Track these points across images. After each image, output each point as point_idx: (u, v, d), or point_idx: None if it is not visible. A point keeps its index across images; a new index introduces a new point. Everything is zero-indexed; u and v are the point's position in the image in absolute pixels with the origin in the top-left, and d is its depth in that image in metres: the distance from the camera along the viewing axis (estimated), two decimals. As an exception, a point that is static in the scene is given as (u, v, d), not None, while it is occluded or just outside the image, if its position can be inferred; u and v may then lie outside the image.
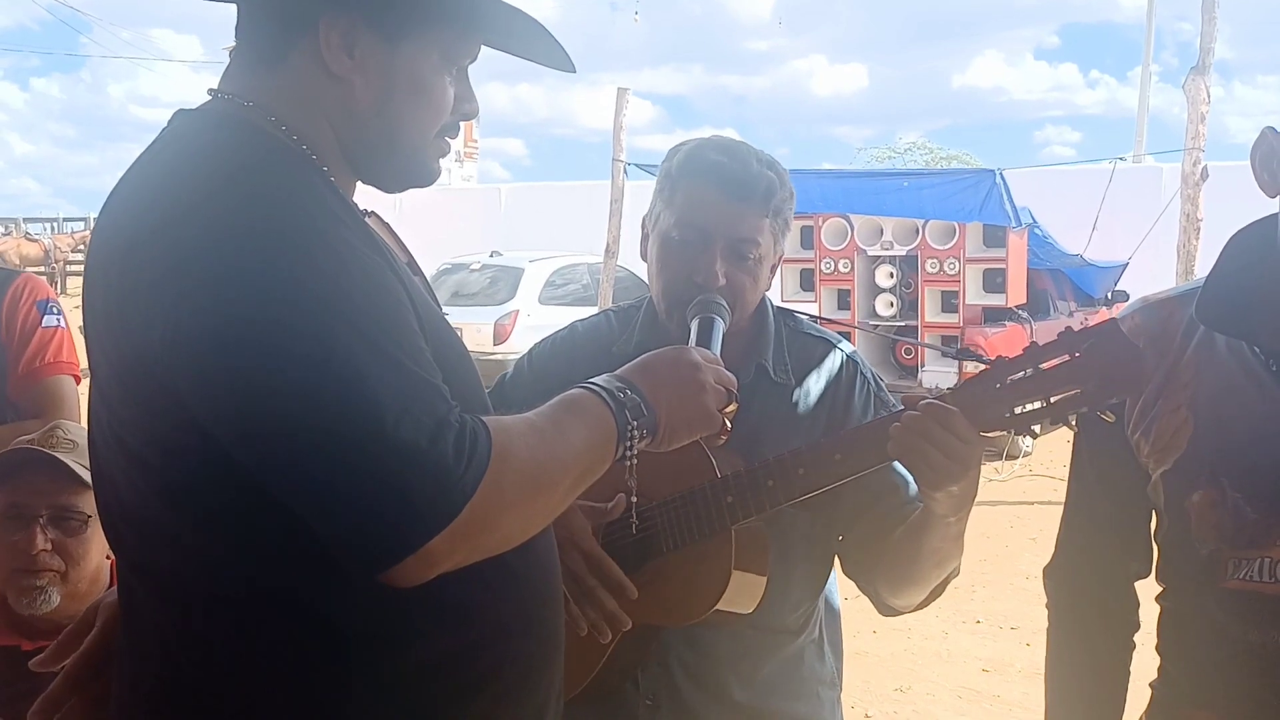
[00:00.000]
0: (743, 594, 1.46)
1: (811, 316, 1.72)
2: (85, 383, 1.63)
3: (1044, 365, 1.26)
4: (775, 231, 1.57)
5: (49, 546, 1.68)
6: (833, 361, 1.63)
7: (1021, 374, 1.27)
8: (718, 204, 1.52)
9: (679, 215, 1.55)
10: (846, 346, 1.67)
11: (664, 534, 1.46)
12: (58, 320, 2.41)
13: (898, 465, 1.47)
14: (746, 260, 1.54)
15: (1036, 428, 1.29)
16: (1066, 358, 1.25)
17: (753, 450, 1.45)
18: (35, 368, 2.34)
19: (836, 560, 1.66)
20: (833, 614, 1.72)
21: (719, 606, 1.45)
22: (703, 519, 1.44)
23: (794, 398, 1.59)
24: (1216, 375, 1.31)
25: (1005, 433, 1.30)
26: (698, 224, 1.53)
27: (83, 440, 1.76)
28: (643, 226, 1.65)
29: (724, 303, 1.50)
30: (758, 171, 1.53)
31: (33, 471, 1.70)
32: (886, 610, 1.59)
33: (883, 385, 1.66)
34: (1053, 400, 1.26)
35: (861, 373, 1.63)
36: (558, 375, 1.59)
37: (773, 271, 1.62)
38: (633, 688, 1.56)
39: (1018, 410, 1.28)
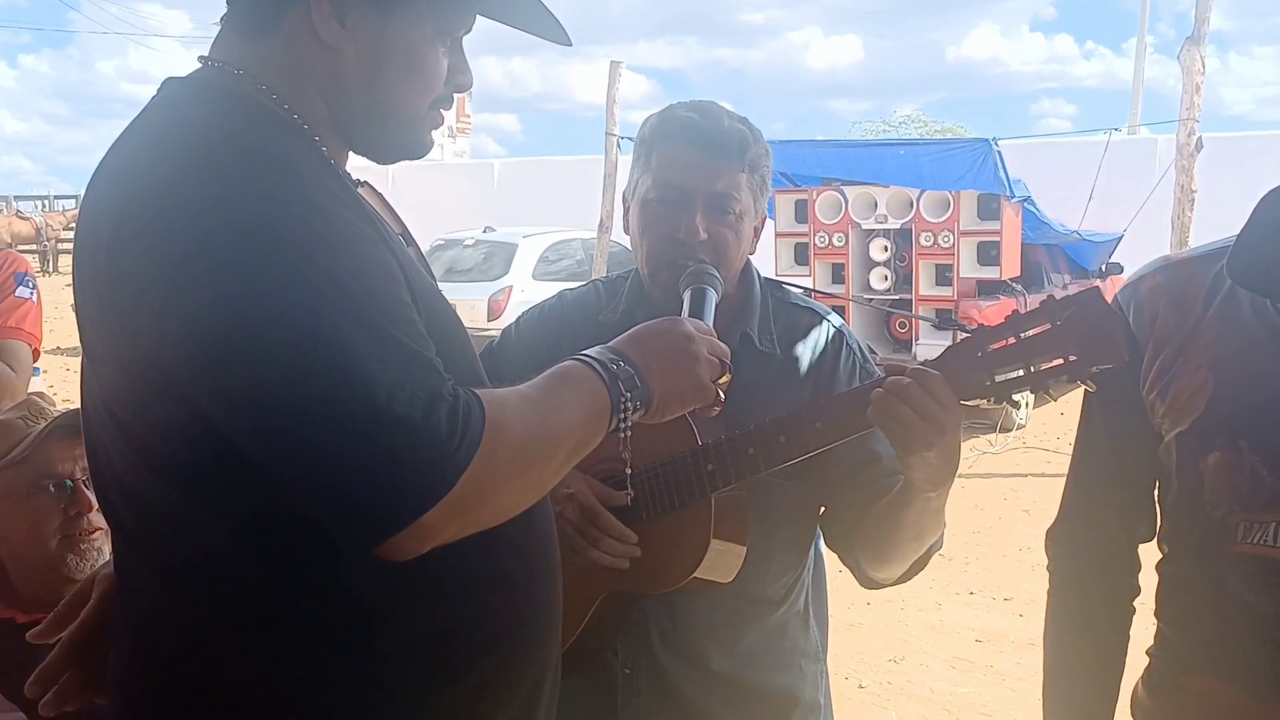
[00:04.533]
0: (721, 563, 1.47)
1: (805, 289, 1.72)
2: (59, 360, 1.63)
3: (1025, 333, 1.25)
4: (753, 188, 1.57)
5: (96, 506, 1.70)
6: (819, 332, 1.63)
7: (1003, 342, 1.27)
8: (693, 160, 1.53)
9: (656, 177, 1.56)
10: (834, 318, 1.67)
11: (645, 501, 1.47)
12: (30, 294, 2.51)
13: (879, 436, 1.48)
14: (727, 215, 1.54)
15: (1019, 396, 1.28)
16: (1048, 326, 1.24)
17: (736, 419, 1.44)
18: None
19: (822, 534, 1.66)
20: (819, 588, 1.72)
21: (697, 575, 1.45)
22: (683, 487, 1.44)
23: (779, 367, 1.60)
24: (1239, 336, 1.30)
25: (986, 401, 1.30)
26: (675, 182, 1.54)
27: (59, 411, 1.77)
28: (623, 201, 1.65)
29: (717, 274, 1.50)
30: (730, 127, 1.54)
31: (52, 441, 1.71)
32: (867, 582, 1.59)
33: (869, 356, 1.66)
34: (1033, 369, 1.25)
35: (847, 343, 1.64)
36: (545, 345, 1.59)
37: (756, 234, 1.62)
38: (612, 656, 1.57)
39: (998, 378, 1.27)
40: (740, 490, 1.46)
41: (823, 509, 1.62)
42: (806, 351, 1.62)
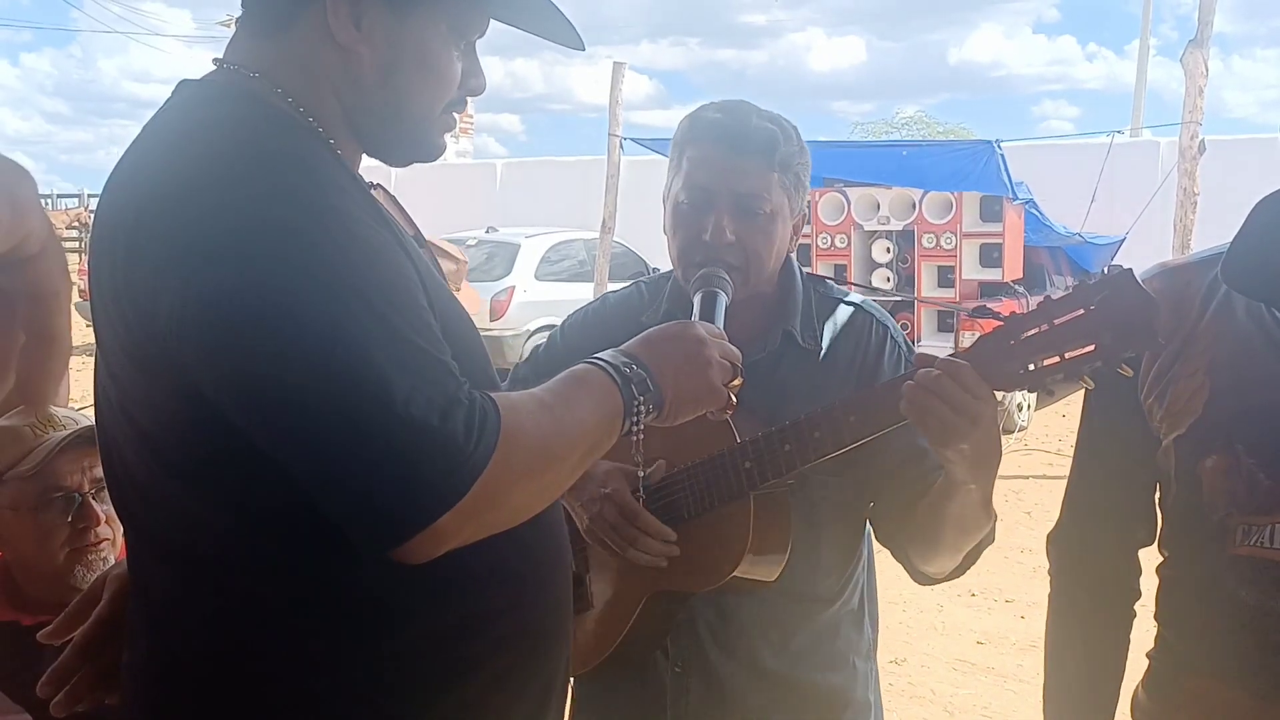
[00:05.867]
0: (763, 561, 1.47)
1: (857, 288, 1.72)
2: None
3: (1058, 320, 1.24)
4: (786, 187, 1.55)
5: (105, 518, 1.71)
6: (861, 325, 1.61)
7: (1035, 330, 1.25)
8: (718, 160, 1.52)
9: (685, 178, 1.55)
10: (879, 313, 1.64)
11: (685, 500, 1.47)
12: None
13: None
14: (756, 216, 1.52)
15: (1053, 385, 1.26)
16: (1081, 312, 1.22)
17: (780, 417, 1.45)
18: None
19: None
20: (872, 585, 1.71)
21: (738, 573, 1.45)
22: (721, 485, 1.45)
23: (822, 364, 1.58)
24: (1235, 340, 1.31)
25: (1024, 391, 1.26)
26: (700, 183, 1.53)
27: (74, 420, 1.77)
28: (663, 203, 1.65)
29: (727, 276, 1.49)
30: (757, 125, 1.53)
31: (61, 453, 1.71)
32: (920, 578, 1.58)
33: (913, 348, 1.64)
34: (1067, 356, 1.23)
35: (892, 337, 1.61)
36: (590, 347, 1.59)
37: (796, 232, 1.60)
38: (662, 656, 1.57)
39: (1032, 366, 1.25)
40: (781, 487, 1.46)
41: (870, 504, 1.60)
42: (850, 347, 1.59)
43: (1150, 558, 1.45)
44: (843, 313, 1.62)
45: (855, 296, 1.66)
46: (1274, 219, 1.30)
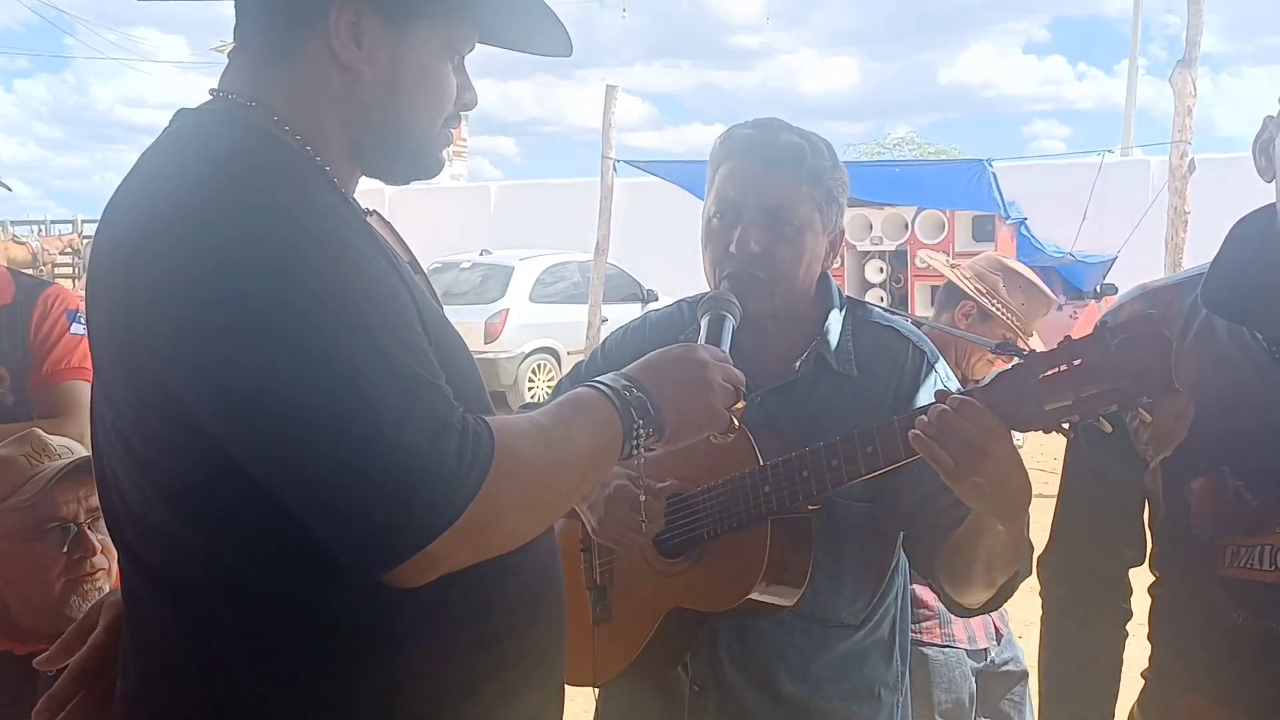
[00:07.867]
0: (781, 585, 1.46)
1: (893, 311, 1.69)
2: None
3: (1078, 361, 1.21)
4: (817, 201, 1.54)
5: (100, 548, 1.70)
6: (901, 352, 1.58)
7: (1056, 370, 1.22)
8: (745, 174, 1.53)
9: (715, 194, 1.57)
10: (917, 338, 1.61)
11: (706, 520, 1.47)
12: (84, 330, 2.49)
13: None
14: (783, 228, 1.52)
15: (1067, 425, 1.23)
16: (1101, 354, 1.20)
17: (811, 439, 1.44)
18: (59, 370, 2.42)
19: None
20: (906, 617, 1.69)
21: (753, 596, 1.44)
22: (740, 507, 1.45)
23: (856, 388, 1.56)
24: (1217, 362, 1.31)
25: (1039, 431, 1.24)
26: (730, 197, 1.54)
27: (70, 449, 1.76)
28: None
29: (735, 300, 1.47)
30: (786, 139, 1.54)
31: (57, 484, 1.70)
32: (955, 608, 1.55)
33: (954, 377, 1.62)
34: (1084, 396, 1.20)
35: (930, 363, 1.58)
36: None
37: (833, 249, 1.60)
38: (682, 672, 1.57)
39: (1048, 407, 1.22)
40: (804, 513, 1.45)
41: (903, 534, 1.58)
42: (886, 372, 1.57)
43: (1142, 578, 1.45)
44: (880, 336, 1.60)
45: (896, 321, 1.64)
46: (1249, 241, 1.31)
